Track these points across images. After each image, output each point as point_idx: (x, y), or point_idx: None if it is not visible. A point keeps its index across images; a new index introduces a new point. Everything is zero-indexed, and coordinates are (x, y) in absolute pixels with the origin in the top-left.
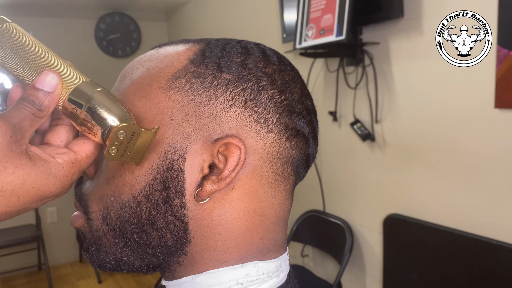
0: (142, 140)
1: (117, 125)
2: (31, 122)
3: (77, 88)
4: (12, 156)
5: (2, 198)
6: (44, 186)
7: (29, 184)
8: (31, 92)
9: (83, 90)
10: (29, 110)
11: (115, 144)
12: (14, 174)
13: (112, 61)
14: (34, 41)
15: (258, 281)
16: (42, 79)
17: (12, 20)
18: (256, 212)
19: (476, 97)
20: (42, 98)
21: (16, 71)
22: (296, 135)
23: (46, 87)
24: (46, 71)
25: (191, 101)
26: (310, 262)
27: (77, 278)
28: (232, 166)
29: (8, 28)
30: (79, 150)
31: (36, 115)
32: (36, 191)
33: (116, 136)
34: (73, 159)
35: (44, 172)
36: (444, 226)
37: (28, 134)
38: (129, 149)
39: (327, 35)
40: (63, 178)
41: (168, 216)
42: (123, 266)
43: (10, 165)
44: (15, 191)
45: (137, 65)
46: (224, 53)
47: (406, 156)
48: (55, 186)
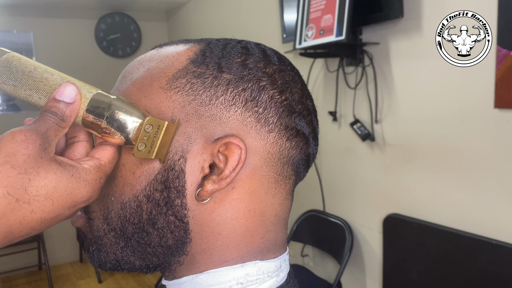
0: (166, 134)
1: (144, 119)
2: (55, 132)
3: (94, 99)
4: (43, 162)
5: (37, 203)
6: (75, 189)
7: (62, 188)
8: (52, 104)
9: (100, 99)
10: (53, 120)
11: (143, 139)
12: (47, 179)
13: (112, 61)
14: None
15: (258, 280)
16: (62, 91)
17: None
18: (256, 212)
19: (475, 97)
20: (64, 109)
21: (32, 99)
22: (297, 135)
23: (66, 98)
24: (65, 83)
25: (191, 101)
26: (310, 262)
27: (77, 278)
28: (233, 165)
29: (7, 59)
30: (101, 157)
31: (59, 125)
32: (69, 195)
33: (145, 130)
34: (98, 164)
35: (75, 176)
36: (444, 226)
37: (54, 143)
38: (155, 144)
39: (327, 35)
40: (92, 181)
41: (168, 216)
42: (124, 265)
43: (42, 170)
44: (49, 195)
45: (138, 65)
46: (225, 53)
47: (406, 156)
48: (86, 189)
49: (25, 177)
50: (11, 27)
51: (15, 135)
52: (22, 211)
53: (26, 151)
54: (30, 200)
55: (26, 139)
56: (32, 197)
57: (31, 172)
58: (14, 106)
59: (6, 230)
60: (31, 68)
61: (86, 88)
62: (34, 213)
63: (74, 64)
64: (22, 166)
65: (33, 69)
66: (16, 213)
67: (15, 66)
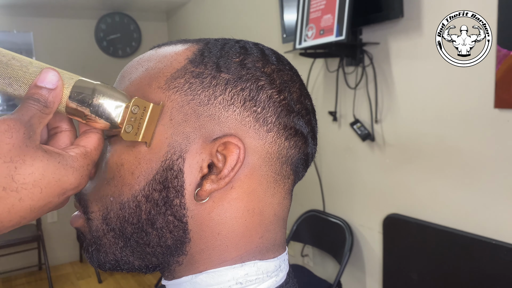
0: (151, 116)
1: (130, 101)
2: (39, 119)
3: (77, 85)
4: (28, 150)
5: (25, 191)
6: (63, 176)
7: (50, 175)
8: (34, 91)
9: (83, 86)
10: (36, 107)
11: (130, 120)
12: (34, 166)
13: (112, 61)
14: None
15: (258, 280)
16: (43, 77)
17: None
18: (255, 211)
19: (475, 97)
20: (46, 95)
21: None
22: (295, 134)
23: (48, 84)
24: (46, 70)
25: (190, 101)
26: (310, 262)
27: (77, 278)
28: (232, 165)
29: None
30: (87, 144)
31: (43, 112)
32: (57, 182)
33: (131, 112)
34: (84, 151)
35: (62, 163)
36: (443, 226)
37: (38, 130)
38: (141, 126)
39: (327, 35)
40: (80, 168)
41: (167, 216)
42: (123, 266)
43: (28, 158)
44: (37, 183)
45: (136, 65)
46: (223, 53)
47: (406, 156)
48: (74, 176)
49: (11, 165)
50: (11, 27)
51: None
52: (10, 199)
53: (10, 140)
54: (17, 188)
55: (9, 129)
56: (20, 185)
57: (17, 161)
58: (14, 106)
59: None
60: (9, 57)
61: (68, 75)
62: (22, 201)
63: (74, 64)
64: (7, 155)
65: (12, 58)
66: (4, 201)
67: None
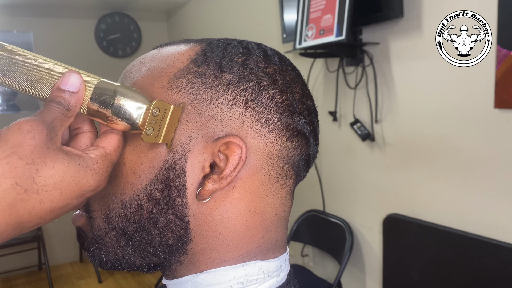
0: (172, 118)
1: (150, 103)
2: (61, 122)
3: (98, 87)
4: (49, 152)
5: (46, 193)
6: (83, 178)
7: (69, 177)
8: (57, 94)
9: (104, 87)
10: (59, 110)
11: (151, 123)
12: (54, 169)
13: (112, 61)
14: (36, 56)
15: (259, 280)
16: (66, 80)
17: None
18: (256, 211)
19: (475, 97)
20: (69, 99)
21: (33, 91)
22: (297, 135)
23: (71, 87)
24: (69, 73)
25: (192, 101)
26: (310, 262)
27: (77, 278)
28: (233, 165)
29: (6, 51)
30: (107, 145)
31: (65, 115)
32: (76, 184)
33: (152, 114)
34: (104, 153)
35: (82, 165)
36: (443, 226)
37: (60, 133)
38: (162, 128)
39: (327, 35)
40: (99, 170)
41: (169, 215)
42: (124, 265)
43: (49, 160)
44: (57, 185)
45: (139, 65)
46: (226, 53)
47: (406, 156)
48: (93, 178)
49: (33, 167)
50: (11, 27)
51: (21, 126)
52: (31, 201)
53: (32, 141)
54: (38, 190)
55: (32, 130)
56: (41, 187)
57: (38, 162)
58: (14, 106)
59: (16, 220)
60: (32, 59)
61: (89, 76)
62: (43, 203)
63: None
64: (29, 156)
65: (34, 60)
66: (25, 203)
67: (15, 58)
